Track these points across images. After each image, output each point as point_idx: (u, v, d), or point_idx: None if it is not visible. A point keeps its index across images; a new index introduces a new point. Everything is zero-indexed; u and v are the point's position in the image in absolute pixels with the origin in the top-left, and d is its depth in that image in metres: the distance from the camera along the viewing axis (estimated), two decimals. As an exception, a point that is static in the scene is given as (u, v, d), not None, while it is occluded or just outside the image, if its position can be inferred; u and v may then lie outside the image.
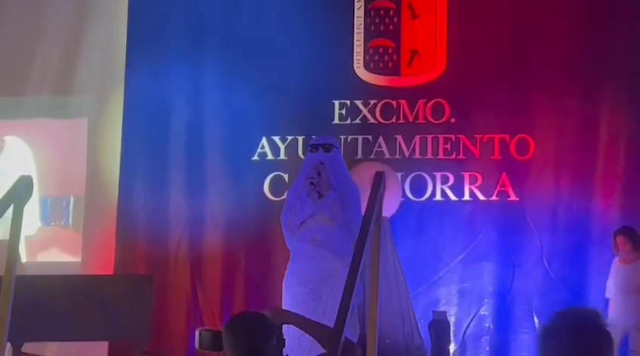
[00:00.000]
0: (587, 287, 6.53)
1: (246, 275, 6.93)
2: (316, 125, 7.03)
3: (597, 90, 6.83)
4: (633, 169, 6.71)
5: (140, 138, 7.32)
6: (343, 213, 5.48)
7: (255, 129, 7.20)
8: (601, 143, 6.78)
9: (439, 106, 7.04)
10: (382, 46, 7.15)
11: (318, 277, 5.34)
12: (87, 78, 7.39)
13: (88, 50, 7.46)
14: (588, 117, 6.83)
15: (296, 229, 5.53)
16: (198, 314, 6.95)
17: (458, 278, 6.78)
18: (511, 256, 6.75)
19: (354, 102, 7.15)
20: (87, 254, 7.31)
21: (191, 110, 7.31)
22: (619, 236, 6.32)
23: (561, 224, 6.72)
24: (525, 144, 6.90)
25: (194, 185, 7.20)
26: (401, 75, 7.12)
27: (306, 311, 5.10)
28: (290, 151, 7.17)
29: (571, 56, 6.88)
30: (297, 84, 7.09)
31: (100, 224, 7.29)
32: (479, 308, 6.75)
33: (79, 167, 7.44)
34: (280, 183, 7.08)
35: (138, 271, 6.98)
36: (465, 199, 6.93)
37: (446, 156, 6.99)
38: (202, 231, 7.15)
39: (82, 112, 7.47)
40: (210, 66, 7.28)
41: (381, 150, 7.08)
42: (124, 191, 7.24)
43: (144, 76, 7.25)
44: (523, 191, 6.85)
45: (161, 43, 7.37)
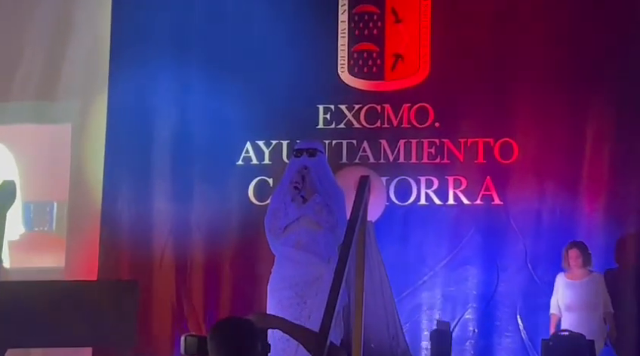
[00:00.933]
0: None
1: (231, 280, 6.94)
2: (300, 130, 7.05)
3: (581, 94, 6.90)
4: (617, 173, 6.76)
5: (124, 143, 7.32)
6: (328, 217, 5.50)
7: (239, 133, 7.22)
8: (586, 147, 6.83)
9: (423, 111, 7.08)
10: (366, 50, 7.18)
11: (303, 282, 5.35)
12: (71, 84, 7.39)
13: (72, 55, 7.45)
14: (572, 121, 6.89)
15: (281, 233, 5.54)
16: (183, 320, 6.94)
17: (442, 282, 6.81)
18: (495, 260, 6.79)
19: (338, 107, 7.17)
20: (70, 260, 7.29)
21: (175, 115, 7.31)
22: (572, 249, 6.37)
23: (545, 228, 6.76)
24: (509, 148, 6.95)
25: (178, 191, 7.20)
26: (386, 80, 7.16)
27: (292, 315, 5.12)
28: (275, 156, 7.18)
29: (555, 60, 6.93)
30: (282, 89, 7.12)
31: (83, 230, 7.28)
32: (464, 312, 6.78)
33: (63, 173, 7.43)
34: (264, 188, 7.10)
35: (122, 277, 6.97)
36: (449, 203, 6.97)
37: (430, 160, 7.03)
38: (187, 236, 7.15)
39: (66, 117, 7.45)
40: (194, 71, 7.29)
41: (366, 154, 7.12)
42: (108, 197, 7.24)
43: (128, 82, 7.25)
44: (507, 195, 6.89)
45: (145, 48, 7.37)
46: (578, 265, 6.35)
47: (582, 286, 6.32)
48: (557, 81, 6.91)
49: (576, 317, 6.24)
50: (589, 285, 6.32)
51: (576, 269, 6.37)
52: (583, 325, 6.11)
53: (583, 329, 6.01)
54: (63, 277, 7.14)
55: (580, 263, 6.35)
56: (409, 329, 6.63)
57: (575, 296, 6.31)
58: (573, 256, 6.35)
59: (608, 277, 6.51)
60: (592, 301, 6.29)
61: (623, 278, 6.55)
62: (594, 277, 6.38)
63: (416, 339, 6.70)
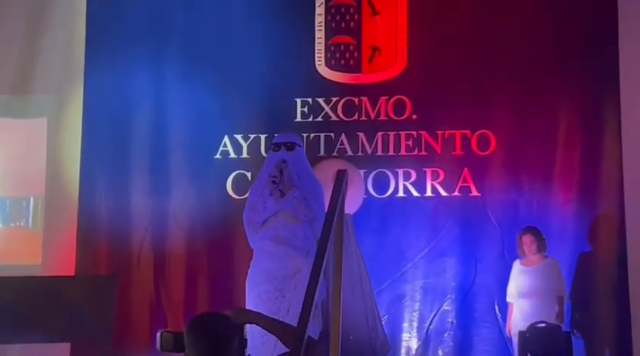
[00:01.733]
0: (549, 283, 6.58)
1: (209, 274, 6.94)
2: (278, 123, 7.06)
3: (557, 85, 6.95)
4: (592, 163, 6.82)
5: (101, 138, 7.29)
6: (307, 211, 5.50)
7: (217, 127, 7.21)
8: (561, 138, 6.88)
9: (401, 103, 7.09)
10: (343, 43, 7.19)
11: (281, 275, 5.35)
12: (46, 78, 7.33)
13: (47, 49, 7.40)
14: (548, 112, 6.94)
15: (259, 228, 5.54)
16: (161, 314, 6.93)
17: (421, 274, 6.84)
18: (473, 251, 6.83)
19: (316, 100, 7.18)
20: (47, 255, 7.24)
21: (152, 109, 7.29)
22: (526, 235, 6.39)
23: (522, 219, 6.79)
24: (486, 140, 6.98)
25: (156, 185, 7.19)
26: (363, 72, 7.17)
27: (270, 309, 5.13)
28: (253, 150, 7.19)
29: (532, 52, 6.99)
30: (259, 83, 7.12)
31: (60, 225, 7.24)
32: (442, 303, 6.82)
33: (39, 168, 7.37)
34: (243, 182, 7.09)
35: (100, 272, 6.95)
36: (427, 195, 7.00)
37: (408, 152, 7.05)
38: (165, 230, 7.14)
39: (41, 111, 7.40)
40: (171, 65, 7.27)
41: (343, 147, 7.13)
42: (84, 192, 7.21)
43: (104, 75, 7.23)
44: (485, 187, 6.93)
45: (121, 41, 7.35)
46: (532, 251, 6.36)
47: (536, 272, 6.33)
48: (533, 73, 6.96)
49: (530, 304, 6.26)
50: (543, 271, 6.33)
51: (531, 255, 6.38)
52: (537, 311, 6.12)
53: (538, 315, 6.03)
54: (40, 273, 7.10)
55: (534, 249, 6.35)
56: (388, 321, 6.66)
57: (529, 282, 6.32)
58: (527, 242, 6.36)
59: (582, 263, 6.54)
60: (546, 287, 6.29)
61: (596, 264, 6.57)
62: (548, 263, 6.38)
63: (395, 330, 6.73)
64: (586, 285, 6.57)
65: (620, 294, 6.47)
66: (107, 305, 5.89)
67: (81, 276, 6.83)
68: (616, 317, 6.45)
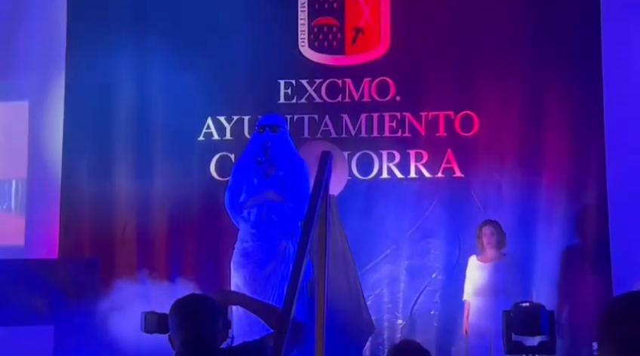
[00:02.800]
0: (532, 263, 6.64)
1: (194, 256, 6.94)
2: (262, 105, 7.05)
3: (541, 66, 6.97)
4: (576, 145, 6.86)
5: (83, 120, 7.28)
6: (291, 191, 5.53)
7: (200, 109, 7.21)
8: (545, 119, 6.91)
9: (384, 84, 7.10)
10: (326, 24, 7.18)
11: (266, 257, 5.37)
12: (28, 61, 7.28)
13: (28, 32, 7.35)
14: (532, 93, 6.97)
15: (244, 209, 5.54)
16: (145, 296, 6.91)
17: (406, 255, 6.87)
18: (457, 232, 6.85)
19: (299, 82, 7.18)
20: (31, 238, 7.21)
21: (135, 91, 7.27)
22: (486, 227, 6.29)
23: (506, 200, 6.84)
24: (470, 121, 7.00)
25: (139, 167, 7.19)
26: (346, 54, 7.17)
27: (256, 290, 5.15)
28: (236, 132, 7.19)
29: (515, 31, 7.01)
30: (242, 64, 7.11)
31: (43, 208, 7.20)
32: (426, 283, 6.84)
33: (21, 151, 7.33)
34: (226, 163, 7.10)
35: (83, 254, 6.92)
36: (411, 177, 7.02)
37: (392, 134, 7.07)
38: (149, 212, 7.14)
39: (23, 94, 7.35)
40: (154, 47, 7.25)
41: (327, 129, 7.14)
42: (67, 174, 7.20)
43: (86, 58, 7.20)
44: (468, 168, 6.95)
45: (103, 23, 7.32)
46: (492, 243, 6.25)
47: (492, 269, 6.23)
48: (517, 54, 6.99)
49: (484, 302, 6.21)
50: (499, 268, 6.22)
51: (489, 249, 6.25)
52: (490, 312, 6.05)
53: (490, 316, 6.00)
54: (24, 255, 7.08)
55: (494, 242, 6.24)
56: (373, 302, 6.69)
57: (484, 280, 6.23)
58: (487, 233, 6.26)
59: (567, 246, 6.58)
60: (501, 286, 6.18)
61: (582, 245, 6.62)
62: (506, 261, 6.28)
63: (380, 311, 6.77)
64: (572, 268, 6.59)
65: (604, 273, 6.51)
66: (92, 287, 5.88)
67: (66, 258, 6.81)
68: (600, 292, 6.48)
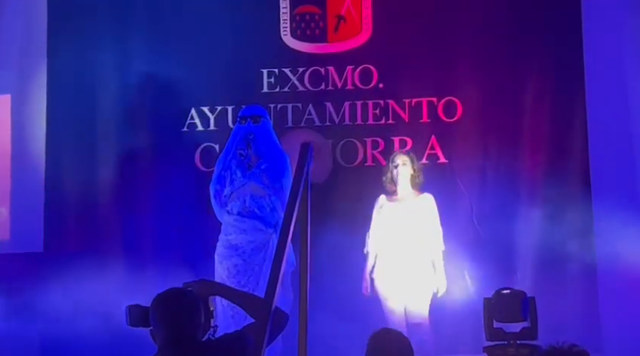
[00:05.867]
0: (515, 247, 6.75)
1: (178, 248, 7.04)
2: (245, 94, 7.17)
3: (523, 51, 7.09)
4: (559, 129, 7.00)
5: (66, 112, 7.39)
6: (274, 184, 5.65)
7: (183, 100, 7.32)
8: (528, 103, 7.02)
9: (367, 72, 7.21)
10: (308, 13, 7.28)
11: (250, 248, 5.50)
12: (8, 54, 7.34)
13: (8, 23, 7.39)
14: (514, 78, 7.10)
15: (227, 200, 5.66)
16: (130, 289, 7.02)
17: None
18: (442, 218, 6.93)
19: (282, 71, 7.29)
20: (15, 232, 7.30)
21: (117, 83, 7.38)
22: (398, 156, 6.25)
23: (491, 185, 6.94)
24: (453, 106, 7.12)
25: (123, 159, 7.26)
26: (329, 42, 7.28)
27: (240, 282, 5.28)
28: (220, 122, 7.30)
29: (496, 16, 7.11)
30: (225, 54, 7.22)
31: (27, 201, 7.28)
32: (413, 269, 6.94)
33: (3, 144, 7.39)
34: (211, 154, 7.20)
35: (68, 247, 7.02)
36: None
37: (376, 121, 7.18)
38: (133, 205, 7.25)
39: (4, 88, 7.42)
40: (136, 38, 7.35)
41: (311, 118, 7.26)
42: (50, 167, 7.28)
43: (67, 49, 7.31)
44: (452, 154, 7.06)
45: (84, 13, 7.43)
46: (405, 177, 6.18)
47: (405, 211, 6.14)
48: (498, 39, 7.11)
49: (395, 253, 6.07)
50: (414, 210, 6.17)
51: (402, 185, 6.21)
52: (402, 265, 6.04)
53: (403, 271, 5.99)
54: (9, 250, 7.18)
55: (408, 176, 6.17)
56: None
57: (394, 224, 6.11)
58: (399, 164, 6.21)
59: (550, 229, 6.69)
60: (416, 232, 6.12)
61: (565, 230, 6.74)
62: (422, 201, 6.23)
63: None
64: (555, 253, 6.70)
65: (587, 258, 6.64)
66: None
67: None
68: (583, 277, 6.62)
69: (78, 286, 6.73)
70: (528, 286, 6.18)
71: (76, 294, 6.71)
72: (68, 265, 6.91)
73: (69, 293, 6.74)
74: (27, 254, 7.15)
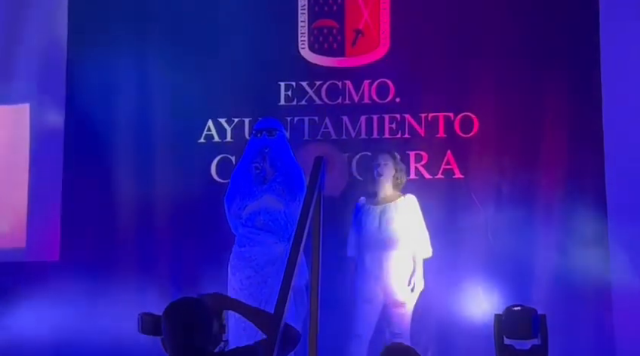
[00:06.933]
0: (530, 264, 6.79)
1: (194, 258, 7.12)
2: (262, 107, 7.27)
3: (541, 68, 7.16)
4: (576, 146, 7.03)
5: (84, 122, 7.48)
6: (289, 197, 5.73)
7: (201, 111, 7.43)
8: (544, 120, 7.08)
9: (384, 86, 7.30)
10: (326, 27, 7.38)
11: (263, 261, 5.57)
12: (28, 63, 7.47)
13: (29, 33, 7.54)
14: (531, 95, 7.16)
15: (242, 213, 5.74)
16: (145, 298, 7.11)
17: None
18: (457, 233, 6.99)
19: (300, 84, 7.38)
20: (32, 241, 7.42)
21: (135, 93, 7.50)
22: (381, 155, 6.23)
23: (506, 201, 6.99)
24: (469, 122, 7.18)
25: (140, 169, 7.39)
26: (346, 56, 7.37)
27: (252, 294, 5.35)
28: (237, 134, 7.40)
29: (516, 33, 7.19)
30: (243, 66, 7.33)
31: (44, 210, 7.40)
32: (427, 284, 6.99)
33: (22, 153, 7.51)
34: (227, 166, 7.30)
35: (84, 256, 7.13)
36: (411, 178, 7.17)
37: (392, 136, 7.25)
38: (150, 215, 7.36)
39: (24, 97, 7.55)
40: (155, 49, 7.48)
41: (328, 131, 7.34)
42: (67, 177, 7.39)
43: (87, 59, 7.46)
44: (468, 169, 7.12)
45: (104, 24, 7.56)
46: (386, 178, 6.18)
47: (386, 214, 6.14)
48: (516, 56, 7.17)
49: (374, 258, 6.06)
50: (396, 212, 6.16)
51: (383, 186, 6.18)
52: (381, 269, 6.04)
53: (382, 275, 5.99)
54: (25, 258, 7.30)
55: (390, 177, 6.17)
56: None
57: (375, 227, 6.10)
58: (381, 164, 6.19)
59: (564, 247, 6.73)
60: (397, 235, 6.08)
61: (579, 247, 6.77)
62: (405, 203, 6.20)
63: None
64: (570, 270, 6.73)
65: (602, 276, 6.67)
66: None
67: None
68: (598, 295, 6.65)
69: (91, 295, 6.86)
70: (541, 303, 6.21)
71: (89, 303, 6.83)
72: (83, 274, 7.04)
73: (82, 302, 6.85)
74: (42, 262, 7.29)
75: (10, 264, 7.31)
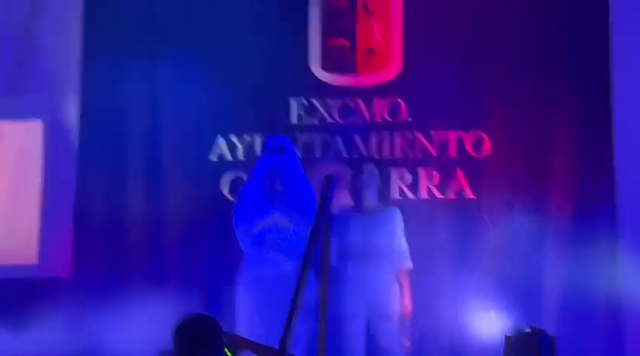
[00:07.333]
0: (540, 285, 6.79)
1: (202, 277, 7.14)
2: (274, 125, 7.32)
3: (553, 88, 7.18)
4: (588, 168, 7.04)
5: (97, 138, 7.52)
6: (299, 216, 5.76)
7: (212, 128, 7.47)
8: (557, 141, 7.09)
9: (396, 105, 7.33)
10: (338, 45, 7.41)
11: (272, 280, 5.59)
12: (41, 79, 7.54)
13: (43, 48, 7.61)
14: (543, 115, 7.17)
15: (251, 231, 5.77)
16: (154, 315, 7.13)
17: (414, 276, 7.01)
18: (468, 254, 7.00)
19: (311, 102, 7.42)
20: (43, 257, 7.46)
21: (148, 110, 7.55)
22: (365, 165, 6.27)
23: (517, 221, 6.99)
24: (481, 142, 7.20)
25: (152, 186, 7.42)
26: (358, 74, 7.39)
27: (260, 313, 5.37)
28: (248, 151, 7.43)
29: (527, 54, 7.21)
30: (254, 84, 7.37)
31: (56, 227, 7.45)
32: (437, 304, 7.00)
33: (34, 169, 7.56)
34: (238, 183, 7.34)
35: (95, 273, 7.17)
36: (422, 197, 7.19)
37: (403, 154, 7.26)
38: (160, 232, 7.39)
39: (36, 113, 7.61)
40: (167, 66, 7.51)
41: (339, 149, 7.35)
42: (80, 194, 7.44)
43: (100, 76, 7.48)
44: (479, 189, 7.13)
45: (117, 42, 7.60)
46: (370, 189, 6.19)
47: (369, 223, 6.13)
48: (528, 76, 7.19)
49: (357, 269, 5.96)
50: (379, 222, 6.15)
51: (366, 196, 6.18)
52: (364, 282, 5.98)
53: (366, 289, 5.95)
54: (36, 274, 7.34)
55: (374, 188, 6.18)
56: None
57: (357, 237, 6.05)
58: (366, 173, 6.19)
59: (576, 266, 6.72)
60: (380, 246, 6.06)
61: (591, 267, 6.76)
62: (388, 213, 6.22)
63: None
64: (581, 291, 6.72)
65: (613, 298, 6.66)
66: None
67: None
68: (609, 317, 6.65)
69: (102, 311, 6.89)
70: (551, 325, 6.21)
71: (100, 319, 6.86)
72: (94, 290, 7.08)
73: (93, 318, 6.89)
74: (54, 278, 7.32)
75: (22, 280, 7.36)
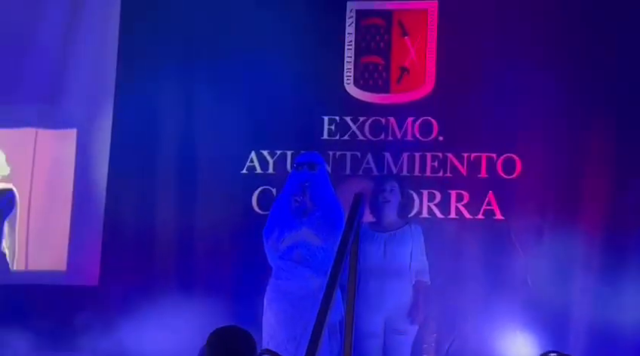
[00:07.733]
0: (569, 311, 6.76)
1: (230, 290, 7.20)
2: (305, 140, 7.37)
3: (586, 111, 7.15)
4: (620, 192, 6.99)
5: (129, 150, 7.63)
6: (327, 232, 5.79)
7: (244, 143, 7.53)
8: (589, 165, 7.07)
9: (428, 124, 7.36)
10: (372, 63, 7.48)
11: (300, 295, 5.64)
12: (77, 89, 7.66)
13: (79, 59, 7.72)
14: (576, 138, 7.15)
15: (279, 245, 5.81)
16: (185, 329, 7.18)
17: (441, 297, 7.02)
18: (495, 276, 6.99)
19: (343, 118, 7.47)
20: (72, 265, 7.56)
21: (180, 123, 7.64)
22: (387, 182, 6.22)
23: (547, 245, 6.98)
24: (512, 163, 7.21)
25: (182, 199, 7.51)
26: (391, 93, 7.45)
27: (287, 328, 5.42)
28: (279, 166, 7.49)
29: (563, 75, 7.18)
30: (287, 100, 7.43)
31: (86, 235, 7.54)
32: (462, 327, 6.99)
33: (67, 176, 7.67)
34: (268, 197, 7.39)
35: (122, 283, 7.24)
36: (451, 217, 7.20)
37: (433, 174, 7.31)
38: (190, 244, 7.46)
39: (72, 122, 7.72)
40: (200, 80, 7.61)
41: (369, 167, 7.40)
42: (111, 204, 7.55)
43: (134, 89, 7.59)
44: (509, 211, 7.13)
45: (152, 54, 7.71)
46: (392, 205, 6.14)
47: (390, 241, 6.08)
48: (563, 98, 7.16)
49: (375, 287, 5.92)
50: (399, 240, 6.10)
51: (387, 213, 6.16)
52: (382, 299, 5.93)
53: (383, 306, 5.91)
54: (65, 282, 7.43)
55: (396, 204, 6.14)
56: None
57: (377, 255, 5.99)
58: (387, 190, 6.15)
59: (605, 292, 6.70)
60: (399, 264, 6.00)
61: (621, 293, 6.72)
62: (408, 230, 6.17)
63: (414, 353, 6.89)
64: (609, 318, 6.68)
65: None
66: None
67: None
68: (636, 347, 6.60)
69: (129, 321, 6.96)
70: (578, 351, 6.19)
71: (127, 329, 6.93)
72: (121, 300, 7.16)
73: (120, 328, 6.95)
74: (81, 287, 7.42)
75: (50, 286, 7.46)
